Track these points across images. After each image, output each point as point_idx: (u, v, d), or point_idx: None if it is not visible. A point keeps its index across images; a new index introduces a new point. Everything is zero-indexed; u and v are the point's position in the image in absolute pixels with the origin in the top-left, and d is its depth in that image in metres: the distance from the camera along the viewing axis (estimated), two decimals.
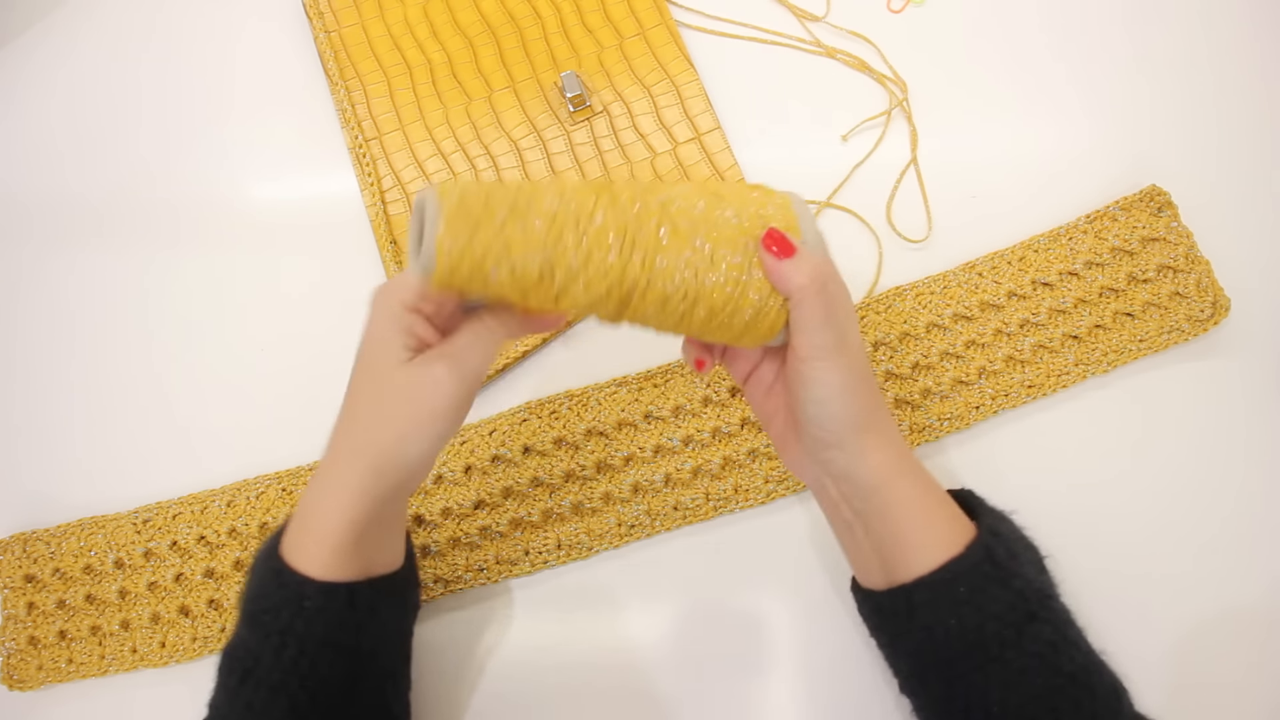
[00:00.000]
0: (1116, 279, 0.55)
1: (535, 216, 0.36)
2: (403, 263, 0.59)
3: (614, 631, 0.52)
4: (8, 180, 0.64)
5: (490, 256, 0.35)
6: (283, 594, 0.39)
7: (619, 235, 0.36)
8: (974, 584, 0.39)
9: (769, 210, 0.39)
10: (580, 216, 0.36)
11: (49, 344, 0.60)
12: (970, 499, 0.44)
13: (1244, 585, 0.51)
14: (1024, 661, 0.38)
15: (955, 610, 0.39)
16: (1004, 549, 0.40)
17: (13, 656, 0.53)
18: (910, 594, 0.40)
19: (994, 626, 0.38)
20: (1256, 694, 0.49)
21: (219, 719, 0.40)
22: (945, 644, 0.39)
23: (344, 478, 0.39)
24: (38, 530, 0.55)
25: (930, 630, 0.39)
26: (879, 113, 0.61)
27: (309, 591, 0.39)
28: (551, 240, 0.36)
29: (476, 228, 0.35)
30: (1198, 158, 0.59)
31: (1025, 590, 0.39)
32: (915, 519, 0.40)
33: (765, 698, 0.51)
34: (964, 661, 0.39)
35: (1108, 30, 0.62)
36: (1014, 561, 0.39)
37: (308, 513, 0.40)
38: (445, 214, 0.35)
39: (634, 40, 0.63)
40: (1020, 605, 0.38)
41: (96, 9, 0.67)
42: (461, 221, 0.35)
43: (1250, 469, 0.53)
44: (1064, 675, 0.38)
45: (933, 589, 0.39)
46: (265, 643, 0.39)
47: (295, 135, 0.63)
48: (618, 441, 0.55)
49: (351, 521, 0.39)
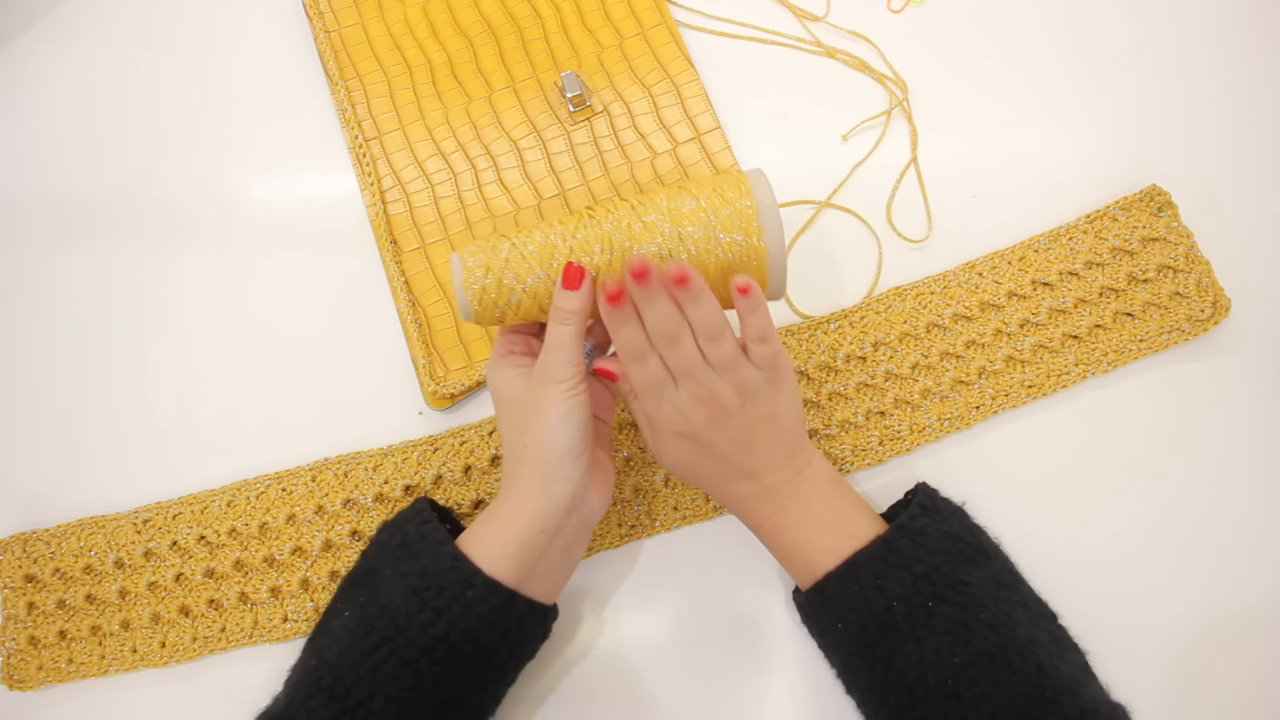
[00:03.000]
0: (1116, 279, 0.55)
1: (530, 245, 0.45)
2: (402, 262, 0.59)
3: (614, 631, 0.52)
4: (8, 180, 0.64)
5: (505, 287, 0.44)
6: (452, 576, 0.43)
7: (599, 241, 0.44)
8: (877, 570, 0.43)
9: (727, 190, 0.45)
10: (565, 236, 0.45)
11: (49, 344, 0.60)
12: (916, 493, 0.48)
13: (1244, 585, 0.51)
14: (936, 640, 0.41)
15: (864, 595, 0.43)
16: (908, 540, 0.44)
17: (13, 656, 0.53)
18: (823, 588, 0.44)
19: (901, 608, 0.42)
20: (1257, 694, 0.49)
21: (341, 673, 0.42)
22: (860, 630, 0.43)
23: (526, 486, 0.44)
24: (38, 530, 0.55)
25: (846, 620, 0.44)
26: (879, 113, 0.61)
27: (477, 581, 0.43)
28: (545, 258, 0.44)
29: (488, 270, 0.44)
30: (1198, 158, 0.59)
31: (931, 575, 0.42)
32: (800, 536, 0.46)
33: (765, 698, 0.51)
34: (882, 644, 0.42)
35: (1108, 30, 0.62)
36: (919, 550, 0.43)
37: (494, 516, 0.45)
38: (465, 266, 0.44)
39: (634, 40, 0.63)
40: (925, 588, 0.42)
41: (96, 9, 0.67)
42: (477, 267, 0.44)
43: (1250, 468, 0.53)
44: (978, 651, 0.41)
45: (840, 580, 0.44)
46: (417, 615, 0.42)
47: (295, 135, 0.63)
48: (618, 441, 0.55)
49: (539, 530, 0.44)
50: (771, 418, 0.46)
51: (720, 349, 0.44)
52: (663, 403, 0.45)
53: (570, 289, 0.44)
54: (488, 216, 0.60)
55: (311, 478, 0.55)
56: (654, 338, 0.44)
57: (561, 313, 0.44)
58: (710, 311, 0.44)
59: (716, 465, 0.46)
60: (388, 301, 0.59)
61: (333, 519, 0.54)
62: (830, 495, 0.47)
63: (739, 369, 0.45)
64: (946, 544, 0.44)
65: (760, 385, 0.45)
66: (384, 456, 0.55)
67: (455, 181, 0.60)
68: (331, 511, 0.54)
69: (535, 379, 0.45)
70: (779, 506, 0.46)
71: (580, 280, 0.44)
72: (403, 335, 0.58)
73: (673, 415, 0.45)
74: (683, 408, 0.45)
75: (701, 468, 0.47)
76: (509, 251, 0.45)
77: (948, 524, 0.45)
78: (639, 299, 0.44)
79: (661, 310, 0.44)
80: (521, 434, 0.45)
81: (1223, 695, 0.49)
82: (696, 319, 0.44)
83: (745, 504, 0.47)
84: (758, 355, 0.45)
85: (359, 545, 0.54)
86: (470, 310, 0.45)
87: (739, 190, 0.45)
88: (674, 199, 0.45)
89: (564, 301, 0.44)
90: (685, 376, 0.45)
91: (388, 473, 0.55)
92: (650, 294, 0.43)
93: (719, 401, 0.45)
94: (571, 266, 0.44)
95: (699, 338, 0.45)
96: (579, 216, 0.46)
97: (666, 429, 0.46)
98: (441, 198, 0.60)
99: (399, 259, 0.59)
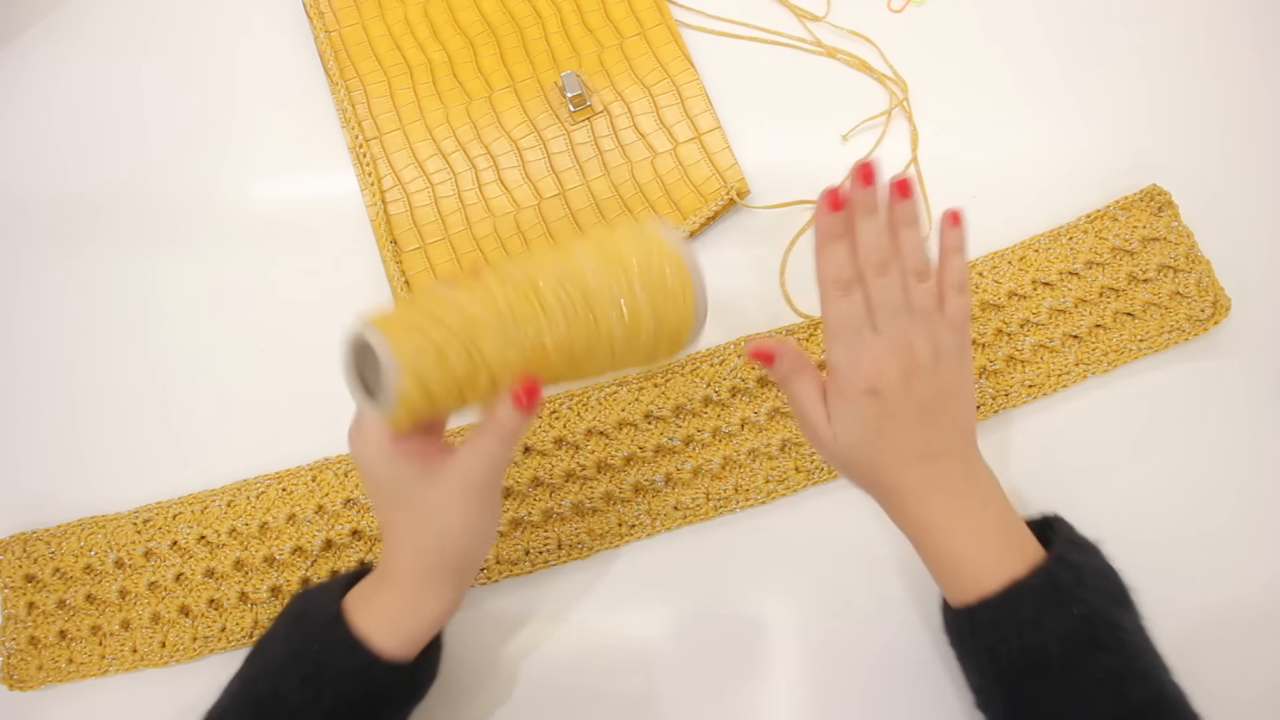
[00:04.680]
0: (1117, 279, 0.55)
1: (485, 347, 0.38)
2: (402, 262, 0.59)
3: (614, 631, 0.52)
4: (8, 180, 0.64)
5: (440, 394, 0.38)
6: (350, 663, 0.41)
7: (550, 337, 0.39)
8: (1037, 605, 0.40)
9: (630, 256, 0.40)
10: (510, 325, 0.38)
11: (49, 343, 0.60)
12: (1053, 525, 0.44)
13: (1244, 584, 0.51)
14: (1089, 688, 0.38)
15: (1017, 629, 0.40)
16: (1069, 575, 0.40)
17: (13, 656, 0.53)
18: (974, 613, 0.41)
19: (1057, 649, 0.39)
20: (1256, 693, 0.49)
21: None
22: (1009, 663, 0.40)
23: (423, 588, 0.42)
24: (38, 530, 0.55)
25: (994, 651, 0.40)
26: (879, 112, 0.61)
27: (378, 670, 0.41)
28: (497, 361, 0.38)
29: (424, 370, 0.37)
30: (1198, 158, 0.59)
31: (1090, 617, 0.39)
32: (965, 546, 0.42)
33: (765, 698, 0.51)
34: (1031, 683, 0.40)
35: (1108, 30, 0.62)
36: (1080, 588, 0.40)
37: (384, 599, 0.42)
38: (399, 362, 0.36)
39: (634, 40, 0.63)
40: (1084, 630, 0.39)
41: (96, 9, 0.67)
42: (411, 366, 0.37)
43: (1251, 468, 0.53)
44: (1130, 706, 0.38)
45: (995, 609, 0.40)
46: (314, 705, 0.41)
47: (295, 135, 0.63)
48: (618, 441, 0.55)
49: (439, 622, 0.43)
50: (959, 389, 0.44)
51: (924, 289, 0.43)
52: (860, 348, 0.43)
53: (525, 411, 0.39)
54: (488, 216, 0.60)
55: (312, 477, 0.55)
56: (864, 263, 0.43)
57: (507, 431, 0.39)
58: (920, 242, 0.44)
59: (899, 437, 0.43)
60: (388, 301, 0.59)
61: (333, 519, 0.54)
62: (998, 509, 0.43)
63: (934, 323, 0.43)
64: (1102, 583, 0.41)
65: (951, 348, 0.44)
66: None
67: (455, 181, 0.60)
68: (332, 511, 0.54)
69: (451, 479, 0.40)
70: (949, 504, 0.42)
71: (536, 401, 0.39)
72: None
73: (867, 366, 0.42)
74: (880, 356, 0.42)
75: (883, 439, 0.43)
76: (457, 356, 0.37)
77: (1097, 560, 0.42)
78: (859, 207, 0.43)
79: (877, 228, 0.43)
80: (419, 533, 0.41)
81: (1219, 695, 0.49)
82: (906, 246, 0.43)
83: (915, 496, 0.43)
84: (954, 308, 0.44)
85: (359, 545, 0.54)
86: (390, 419, 0.38)
87: (645, 263, 0.40)
88: (580, 272, 0.40)
89: (513, 421, 0.39)
90: (887, 317, 0.43)
91: None
92: (870, 202, 0.43)
93: (914, 356, 0.42)
94: (531, 385, 0.39)
95: (907, 270, 0.43)
96: (523, 298, 0.38)
97: (856, 384, 0.43)
98: (441, 197, 0.60)
99: (399, 259, 0.59)
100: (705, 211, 0.58)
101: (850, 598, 0.52)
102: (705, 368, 0.55)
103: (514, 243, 0.59)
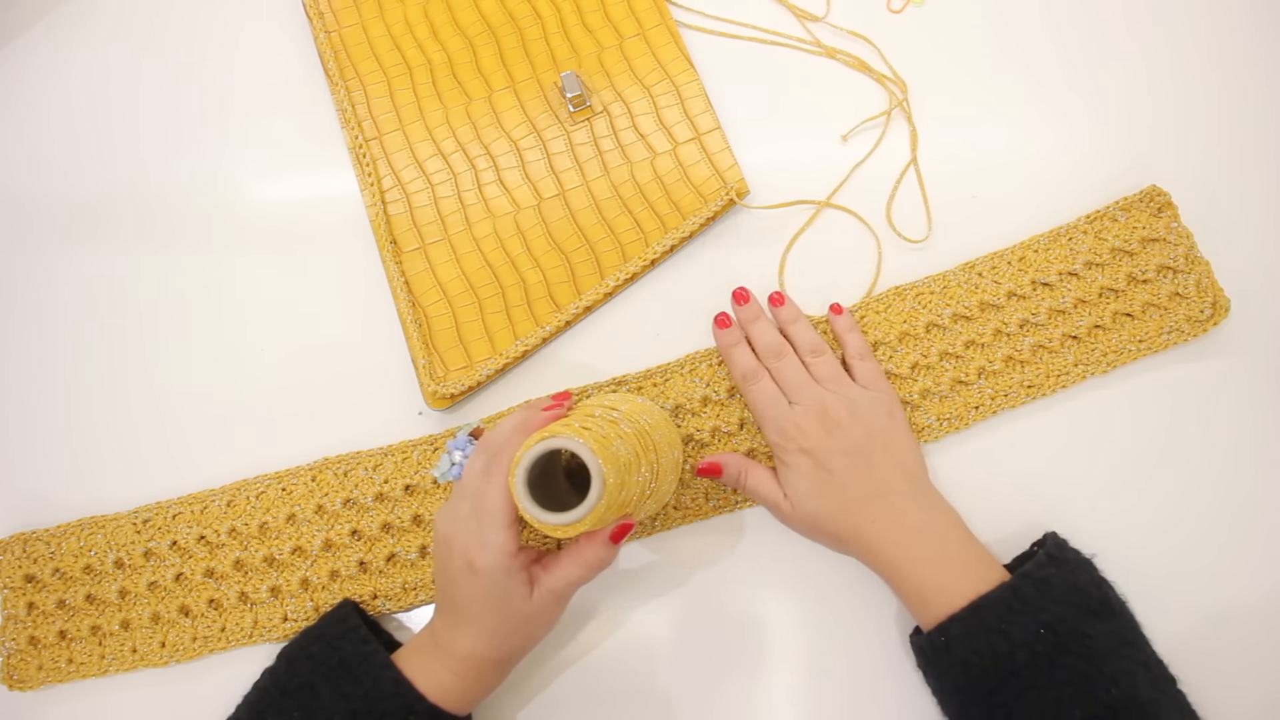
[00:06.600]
0: (1116, 279, 0.55)
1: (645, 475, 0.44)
2: (402, 262, 0.59)
3: (614, 631, 0.52)
4: (7, 180, 0.64)
5: (617, 513, 0.43)
6: (395, 702, 0.44)
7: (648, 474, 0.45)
8: (1001, 614, 0.43)
9: None
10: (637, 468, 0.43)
11: (49, 344, 0.60)
12: (1045, 542, 0.48)
13: (1245, 585, 0.51)
14: (1058, 691, 0.41)
15: (987, 638, 0.43)
16: (1033, 588, 0.44)
17: (13, 656, 0.53)
18: (946, 628, 0.44)
19: (1024, 655, 0.42)
20: (1254, 693, 0.49)
21: None
22: (982, 674, 0.43)
23: (502, 673, 0.47)
24: (38, 530, 0.55)
25: (967, 663, 0.43)
26: (879, 113, 0.61)
27: (420, 709, 0.44)
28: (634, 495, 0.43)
29: (618, 485, 0.41)
30: (1198, 158, 0.59)
31: (1055, 625, 0.42)
32: (931, 574, 0.46)
33: (765, 698, 0.51)
34: (1002, 691, 0.43)
35: (1108, 30, 0.62)
36: (1044, 599, 0.43)
37: (442, 656, 0.45)
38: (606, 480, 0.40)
39: (634, 40, 0.63)
40: (1050, 638, 0.42)
41: (96, 9, 0.67)
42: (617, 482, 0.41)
43: (1250, 469, 0.53)
44: (1100, 706, 0.41)
45: (964, 622, 0.44)
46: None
47: (295, 135, 0.63)
48: None
49: (488, 690, 0.47)
50: (884, 432, 0.50)
51: (822, 361, 0.52)
52: (783, 420, 0.50)
53: (616, 542, 0.45)
54: (487, 216, 0.60)
55: (311, 477, 0.55)
56: (762, 356, 0.52)
57: (599, 564, 0.45)
58: (809, 329, 0.54)
59: (842, 480, 0.48)
60: (387, 301, 0.59)
61: (333, 518, 0.54)
62: (958, 538, 0.48)
63: (843, 384, 0.51)
64: (1072, 595, 0.44)
65: (866, 402, 0.50)
66: (384, 456, 0.55)
67: (455, 181, 0.60)
68: (331, 511, 0.54)
69: (548, 597, 0.44)
70: (910, 539, 0.47)
71: (625, 537, 0.45)
72: (402, 335, 0.58)
73: (790, 430, 0.49)
74: (798, 420, 0.49)
75: (829, 488, 0.48)
76: (646, 473, 0.44)
77: (1074, 575, 0.45)
78: (744, 319, 0.54)
79: (765, 328, 0.53)
80: (509, 635, 0.45)
81: (1219, 695, 0.49)
82: (797, 337, 0.53)
83: (877, 537, 0.47)
84: (861, 372, 0.52)
85: (359, 544, 0.54)
86: (565, 530, 0.41)
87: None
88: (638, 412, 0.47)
89: (608, 556, 0.45)
90: (797, 391, 0.51)
91: (388, 472, 0.55)
92: (752, 314, 0.54)
93: (829, 413, 0.49)
94: (629, 525, 0.45)
95: (801, 353, 0.52)
96: (640, 438, 0.44)
97: (789, 449, 0.49)
98: (441, 198, 0.60)
99: (399, 259, 0.59)
100: (705, 212, 0.58)
101: (846, 596, 0.52)
102: (704, 368, 0.55)
103: (514, 243, 0.59)
